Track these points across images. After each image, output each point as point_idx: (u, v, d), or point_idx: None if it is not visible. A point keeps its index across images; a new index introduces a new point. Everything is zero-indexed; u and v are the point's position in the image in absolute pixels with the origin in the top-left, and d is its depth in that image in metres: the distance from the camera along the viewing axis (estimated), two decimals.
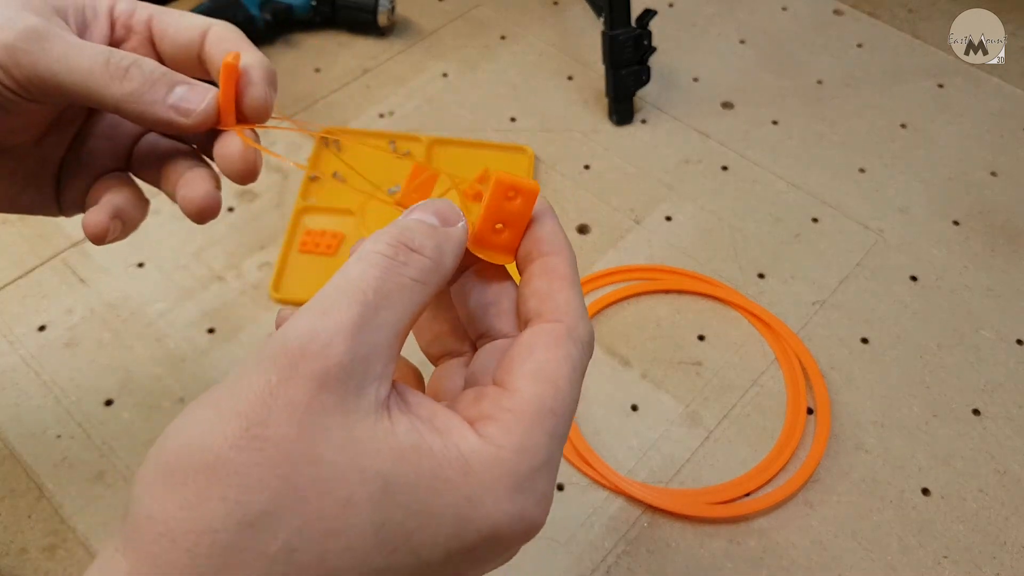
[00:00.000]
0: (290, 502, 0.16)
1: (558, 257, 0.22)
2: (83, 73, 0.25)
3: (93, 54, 0.25)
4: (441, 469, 0.18)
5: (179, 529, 0.16)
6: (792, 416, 0.47)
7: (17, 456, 0.43)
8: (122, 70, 0.25)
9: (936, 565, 0.42)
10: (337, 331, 0.17)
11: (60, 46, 0.25)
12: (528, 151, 0.60)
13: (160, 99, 0.25)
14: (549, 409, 0.19)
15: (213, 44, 0.27)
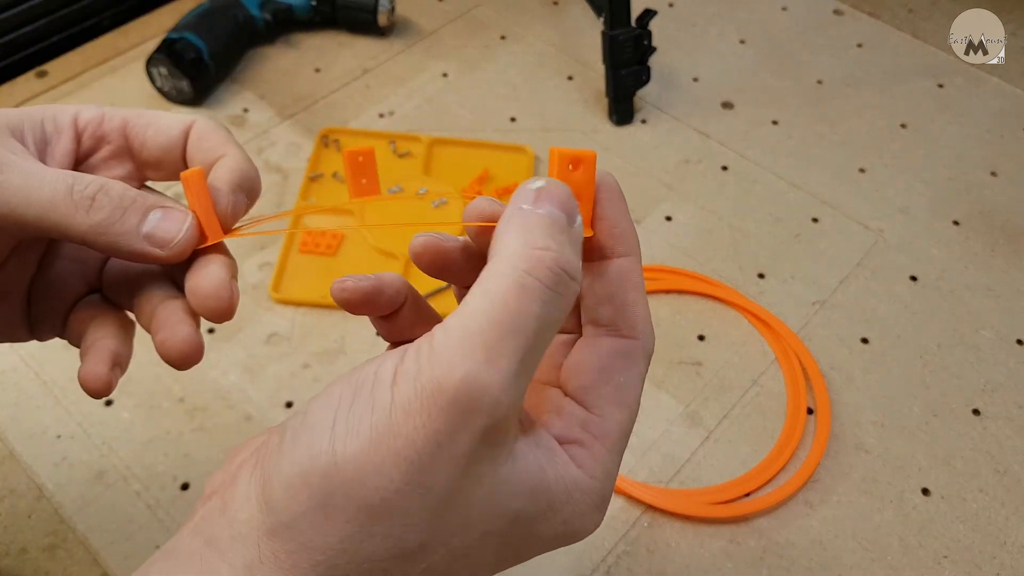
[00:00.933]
0: (441, 537, 0.19)
1: (632, 260, 0.22)
2: (44, 205, 0.22)
3: (54, 183, 0.22)
4: (553, 500, 0.20)
5: (340, 560, 0.18)
6: (792, 416, 0.47)
7: (17, 456, 0.43)
8: (88, 200, 0.23)
9: (936, 565, 0.42)
10: (505, 386, 0.18)
11: (16, 177, 0.22)
12: (528, 151, 0.60)
13: (132, 229, 0.23)
14: (625, 433, 0.21)
15: (196, 145, 0.26)
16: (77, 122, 0.26)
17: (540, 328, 0.18)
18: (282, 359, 0.48)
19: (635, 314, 0.22)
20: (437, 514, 0.18)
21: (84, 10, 0.67)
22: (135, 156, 0.27)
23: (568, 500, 0.20)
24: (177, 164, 0.26)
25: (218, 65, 0.61)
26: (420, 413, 0.18)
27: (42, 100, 0.62)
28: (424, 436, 0.17)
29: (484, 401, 0.17)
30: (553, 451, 0.20)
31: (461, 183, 0.57)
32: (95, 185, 0.23)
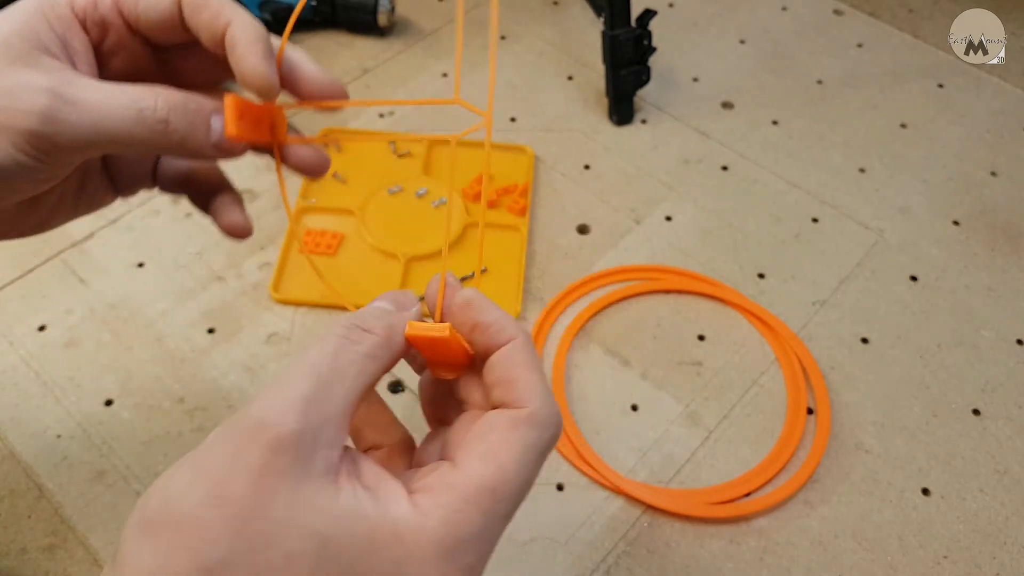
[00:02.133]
0: (242, 555, 0.18)
1: (513, 345, 0.23)
2: (118, 133, 0.24)
3: (121, 109, 0.24)
4: (374, 532, 0.19)
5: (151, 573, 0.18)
6: (792, 416, 0.47)
7: (17, 456, 0.43)
8: (161, 123, 0.24)
9: (936, 565, 0.42)
10: (291, 403, 0.20)
11: (85, 112, 0.24)
12: (528, 151, 0.60)
13: (202, 141, 0.25)
14: (489, 488, 0.21)
15: (194, 15, 0.26)
16: (76, 13, 0.26)
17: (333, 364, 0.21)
18: (282, 359, 0.48)
19: (523, 387, 0.22)
20: (235, 528, 0.18)
21: None
22: (136, 34, 0.27)
23: (397, 540, 0.19)
24: (180, 33, 0.27)
25: None
26: (221, 435, 0.20)
27: None
28: (221, 451, 0.19)
29: (270, 416, 0.19)
30: (386, 490, 0.21)
31: (461, 183, 0.57)
32: (162, 106, 0.24)
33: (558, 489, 0.44)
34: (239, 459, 0.19)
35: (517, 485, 0.21)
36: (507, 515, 0.21)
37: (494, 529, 0.21)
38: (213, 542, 0.18)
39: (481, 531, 0.20)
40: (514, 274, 0.52)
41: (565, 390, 0.47)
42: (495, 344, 0.23)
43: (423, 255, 0.53)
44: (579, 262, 0.54)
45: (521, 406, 0.22)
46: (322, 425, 0.20)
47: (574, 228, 0.56)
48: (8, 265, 0.51)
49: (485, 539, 0.21)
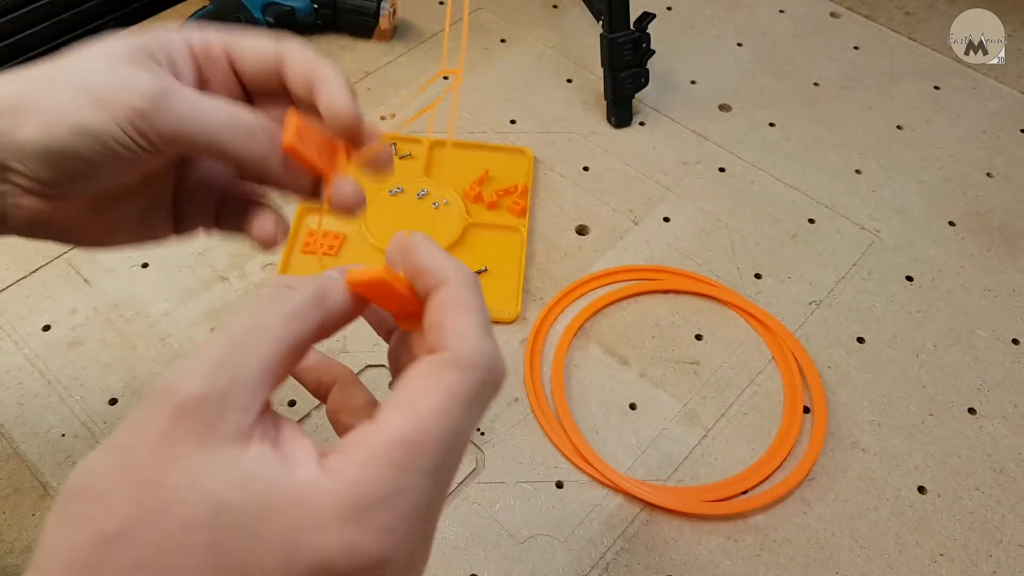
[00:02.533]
0: (140, 521, 0.18)
1: (445, 287, 0.22)
2: (211, 133, 0.26)
3: (218, 113, 0.26)
4: (272, 496, 0.18)
5: (57, 546, 0.18)
6: (789, 415, 0.47)
7: (22, 455, 0.44)
8: (248, 135, 0.26)
9: (932, 563, 0.42)
10: (199, 367, 0.19)
11: (188, 107, 0.26)
12: (528, 153, 0.60)
13: (277, 163, 0.27)
14: (404, 440, 0.19)
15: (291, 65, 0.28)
16: (192, 50, 0.28)
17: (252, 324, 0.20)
18: None
19: (448, 328, 0.21)
20: (134, 496, 0.18)
21: (88, 13, 0.68)
22: (240, 77, 0.29)
23: (297, 504, 0.18)
24: (278, 84, 0.29)
25: None
26: (135, 410, 0.19)
27: None
28: (131, 421, 0.19)
29: (176, 382, 0.19)
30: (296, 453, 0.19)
31: (462, 184, 0.58)
32: (253, 120, 0.26)
33: (557, 487, 0.44)
34: (145, 427, 0.19)
35: (439, 435, 0.19)
36: (433, 469, 0.19)
37: (416, 486, 0.19)
38: (113, 510, 0.18)
39: (396, 489, 0.18)
40: (514, 274, 0.53)
41: (564, 389, 0.48)
42: (431, 288, 0.22)
43: None
44: (578, 262, 0.54)
45: (444, 349, 0.21)
46: (232, 388, 0.19)
47: (573, 229, 0.56)
48: (13, 265, 0.52)
49: (405, 498, 0.19)
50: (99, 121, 0.25)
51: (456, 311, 0.21)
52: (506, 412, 0.47)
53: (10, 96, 0.25)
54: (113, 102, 0.25)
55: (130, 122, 0.25)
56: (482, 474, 0.44)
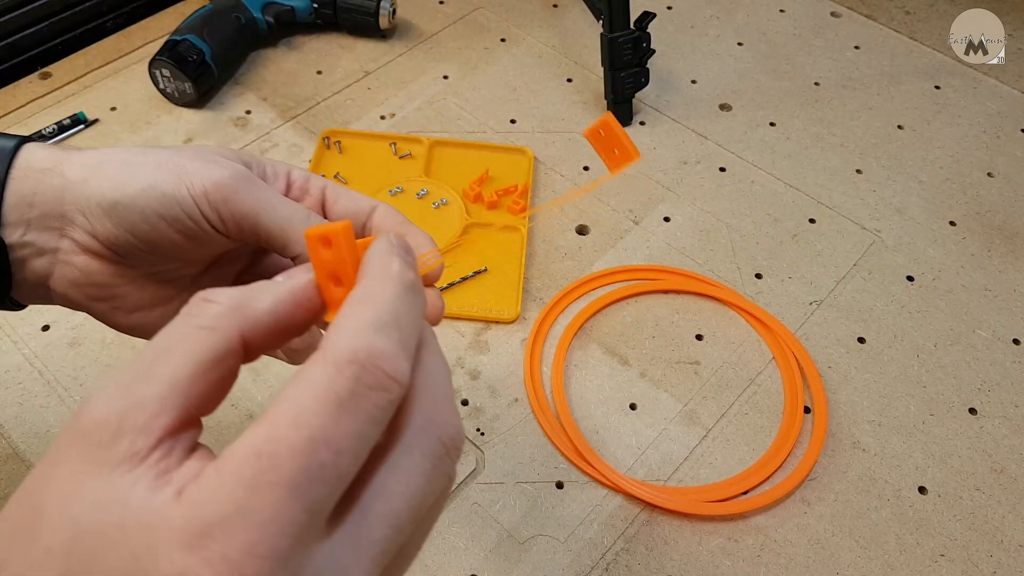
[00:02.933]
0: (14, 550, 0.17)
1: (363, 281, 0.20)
2: (284, 222, 0.26)
3: (295, 207, 0.27)
4: (126, 521, 0.16)
5: None
6: (789, 415, 0.47)
7: (21, 455, 0.44)
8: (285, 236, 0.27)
9: (933, 563, 0.42)
10: (104, 392, 0.18)
11: (266, 193, 0.26)
12: (528, 152, 0.60)
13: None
14: (253, 452, 0.16)
15: (377, 220, 0.29)
16: (290, 175, 0.30)
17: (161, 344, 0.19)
18: None
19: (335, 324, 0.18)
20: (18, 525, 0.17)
21: (88, 12, 0.68)
22: (326, 215, 0.30)
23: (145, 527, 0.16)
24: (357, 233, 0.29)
25: (221, 67, 0.62)
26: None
27: (46, 101, 0.62)
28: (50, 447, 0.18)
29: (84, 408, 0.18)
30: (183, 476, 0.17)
31: (462, 184, 0.57)
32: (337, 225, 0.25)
33: (557, 487, 0.44)
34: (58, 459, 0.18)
35: (298, 443, 0.16)
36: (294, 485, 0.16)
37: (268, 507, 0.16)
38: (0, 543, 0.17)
39: (239, 510, 0.16)
40: (514, 274, 0.53)
41: (564, 389, 0.48)
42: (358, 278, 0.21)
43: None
44: (578, 262, 0.54)
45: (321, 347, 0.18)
46: (132, 410, 0.17)
47: (573, 228, 0.56)
48: None
49: (251, 520, 0.16)
50: (173, 186, 0.25)
51: (353, 305, 0.19)
52: (506, 412, 0.47)
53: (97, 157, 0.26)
54: (193, 174, 0.26)
55: (205, 193, 0.26)
56: (482, 474, 0.44)
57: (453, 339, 0.50)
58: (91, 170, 0.26)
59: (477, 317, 0.51)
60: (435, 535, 0.42)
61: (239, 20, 0.64)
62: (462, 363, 0.49)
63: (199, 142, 0.60)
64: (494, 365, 0.49)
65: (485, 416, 0.47)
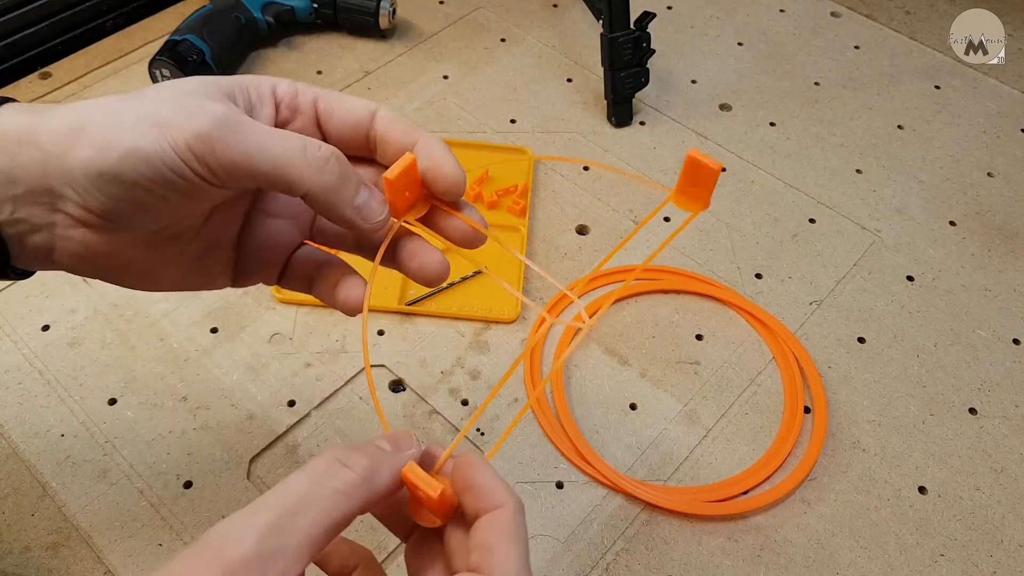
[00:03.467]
0: None
1: (501, 510, 0.24)
2: (279, 161, 0.24)
3: (288, 140, 0.25)
4: None
5: None
6: (789, 415, 0.47)
7: (21, 454, 0.44)
8: (321, 160, 0.25)
9: (933, 563, 0.42)
10: (252, 528, 0.21)
11: (254, 133, 0.24)
12: (528, 152, 0.60)
13: (349, 198, 0.26)
14: None
15: (382, 127, 0.28)
16: (275, 93, 0.27)
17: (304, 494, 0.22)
18: (284, 358, 0.48)
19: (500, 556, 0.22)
20: None
21: (88, 12, 0.68)
22: (323, 129, 0.28)
23: None
24: (361, 142, 0.28)
25: (221, 67, 0.62)
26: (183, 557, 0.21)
27: (46, 101, 0.62)
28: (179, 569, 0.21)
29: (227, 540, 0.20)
30: None
31: None
32: (327, 150, 0.25)
33: (557, 487, 0.44)
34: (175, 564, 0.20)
35: None
36: None
37: None
38: None
39: None
40: (514, 274, 0.53)
41: (564, 389, 0.48)
42: (484, 508, 0.24)
43: None
44: (578, 262, 0.54)
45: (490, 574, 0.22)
46: (276, 554, 0.20)
47: (573, 228, 0.56)
48: None
49: None
50: (154, 145, 0.23)
51: (507, 539, 0.23)
52: (506, 412, 0.47)
53: (71, 120, 0.24)
54: (173, 127, 0.23)
55: (189, 148, 0.23)
56: None
57: (453, 339, 0.50)
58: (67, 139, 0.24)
59: (477, 317, 0.51)
60: None
61: (239, 20, 0.64)
62: (462, 363, 0.49)
63: None
64: (494, 365, 0.49)
65: (485, 416, 0.47)
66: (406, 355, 0.49)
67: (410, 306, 0.51)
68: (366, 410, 0.46)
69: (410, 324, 0.50)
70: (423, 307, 0.51)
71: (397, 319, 0.51)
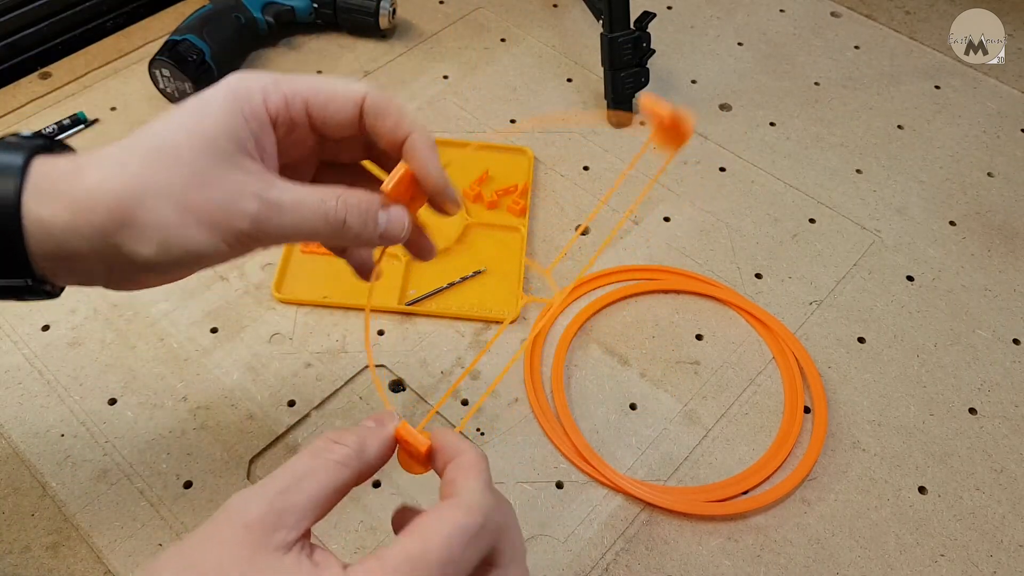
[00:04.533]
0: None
1: (461, 456, 0.27)
2: (309, 231, 0.29)
3: (311, 212, 0.28)
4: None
5: None
6: (789, 415, 0.47)
7: (21, 454, 0.44)
8: (340, 223, 0.29)
9: (933, 563, 0.42)
10: (262, 495, 0.24)
11: (286, 217, 0.28)
12: (528, 152, 0.60)
13: (372, 233, 0.30)
14: (409, 557, 0.23)
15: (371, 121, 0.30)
16: (269, 111, 0.29)
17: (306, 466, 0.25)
18: (284, 358, 0.48)
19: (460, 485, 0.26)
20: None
21: (88, 12, 0.68)
22: (318, 132, 0.31)
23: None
24: (356, 137, 0.31)
25: (221, 67, 0.62)
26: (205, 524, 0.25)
27: (46, 101, 0.62)
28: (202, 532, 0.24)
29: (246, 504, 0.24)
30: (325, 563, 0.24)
31: (462, 184, 0.57)
32: (342, 208, 0.29)
33: (557, 487, 0.44)
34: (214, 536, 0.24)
35: (440, 558, 0.23)
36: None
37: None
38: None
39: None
40: (514, 274, 0.53)
41: (565, 389, 0.48)
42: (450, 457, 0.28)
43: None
44: (579, 262, 0.54)
45: (456, 496, 0.26)
46: (286, 511, 0.24)
47: (573, 228, 0.56)
48: None
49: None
50: (208, 246, 0.27)
51: (468, 471, 0.26)
52: (506, 412, 0.47)
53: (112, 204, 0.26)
54: (220, 224, 0.27)
55: (237, 240, 0.28)
56: None
57: (453, 339, 0.50)
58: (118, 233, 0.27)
59: (477, 317, 0.51)
60: None
61: (239, 20, 0.64)
62: (462, 363, 0.49)
63: None
64: (494, 365, 0.49)
65: (485, 416, 0.47)
66: (406, 355, 0.49)
67: (410, 306, 0.51)
68: (366, 410, 0.46)
69: (410, 324, 0.50)
70: (423, 307, 0.51)
71: (397, 319, 0.51)
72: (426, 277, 0.52)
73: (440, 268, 0.53)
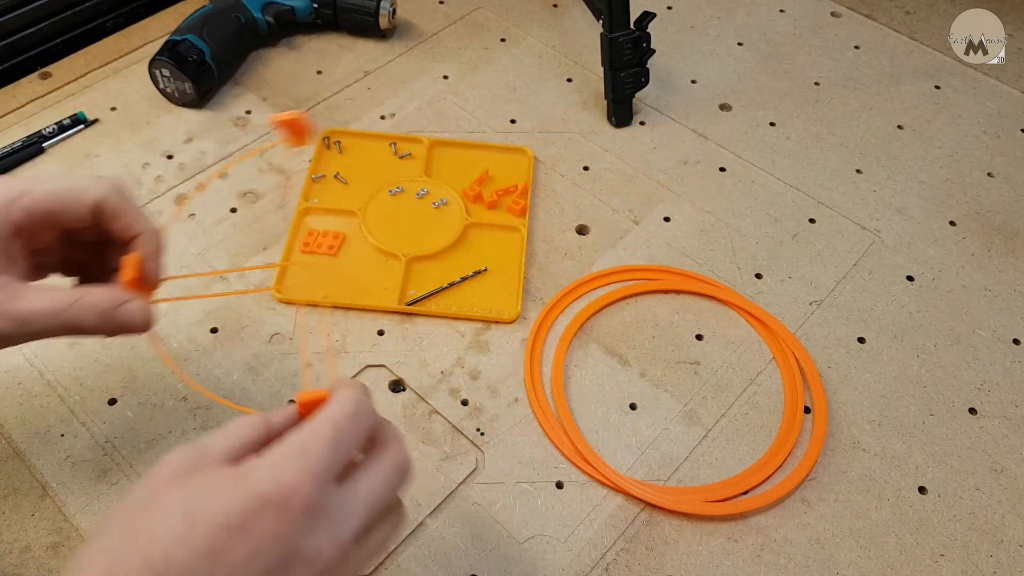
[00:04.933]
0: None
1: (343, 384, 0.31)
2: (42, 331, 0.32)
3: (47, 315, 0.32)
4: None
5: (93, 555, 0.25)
6: (789, 415, 0.47)
7: (21, 454, 0.44)
8: (76, 320, 0.32)
9: (933, 563, 0.42)
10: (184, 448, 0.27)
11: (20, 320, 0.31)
12: (528, 152, 0.60)
13: (110, 328, 0.33)
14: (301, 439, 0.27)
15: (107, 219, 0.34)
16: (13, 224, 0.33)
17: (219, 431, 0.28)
18: (284, 358, 0.48)
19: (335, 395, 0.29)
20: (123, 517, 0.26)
21: (88, 12, 0.68)
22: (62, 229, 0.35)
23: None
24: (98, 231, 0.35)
25: (220, 67, 0.62)
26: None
27: (46, 101, 0.62)
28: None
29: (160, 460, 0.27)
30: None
31: (462, 184, 0.57)
32: (80, 311, 0.32)
33: (557, 487, 0.44)
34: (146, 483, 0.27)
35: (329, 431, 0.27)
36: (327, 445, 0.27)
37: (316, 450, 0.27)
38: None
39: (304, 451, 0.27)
40: (514, 274, 0.53)
41: (564, 389, 0.48)
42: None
43: (424, 255, 0.53)
44: (578, 262, 0.54)
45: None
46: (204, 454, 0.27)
47: (573, 228, 0.56)
48: None
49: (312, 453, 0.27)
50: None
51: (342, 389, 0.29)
52: (506, 412, 0.47)
53: None
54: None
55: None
56: (482, 474, 0.44)
57: (453, 339, 0.50)
58: None
59: (477, 317, 0.51)
60: (435, 534, 0.42)
61: (239, 20, 0.64)
62: (462, 363, 0.49)
63: (199, 142, 0.60)
64: (494, 365, 0.49)
65: (485, 416, 0.47)
66: (406, 355, 0.49)
67: (410, 306, 0.51)
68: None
69: (410, 324, 0.50)
70: (423, 307, 0.51)
71: (397, 319, 0.51)
72: (426, 277, 0.52)
73: (440, 268, 0.53)
